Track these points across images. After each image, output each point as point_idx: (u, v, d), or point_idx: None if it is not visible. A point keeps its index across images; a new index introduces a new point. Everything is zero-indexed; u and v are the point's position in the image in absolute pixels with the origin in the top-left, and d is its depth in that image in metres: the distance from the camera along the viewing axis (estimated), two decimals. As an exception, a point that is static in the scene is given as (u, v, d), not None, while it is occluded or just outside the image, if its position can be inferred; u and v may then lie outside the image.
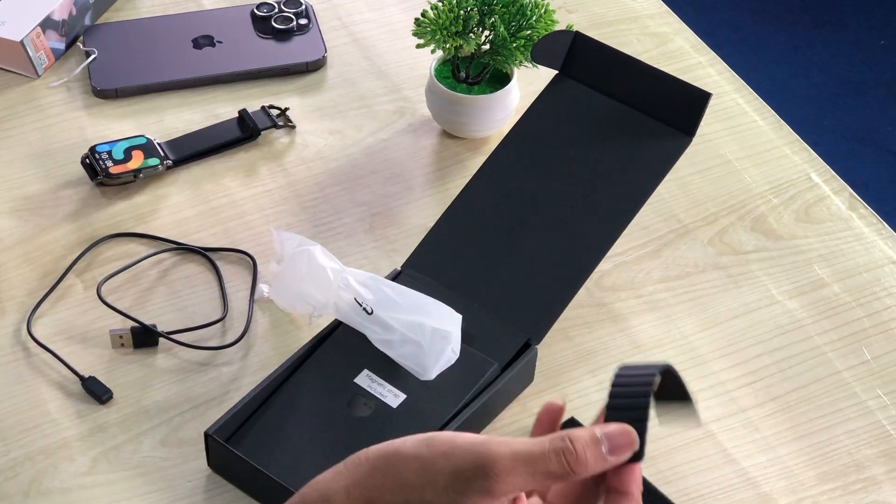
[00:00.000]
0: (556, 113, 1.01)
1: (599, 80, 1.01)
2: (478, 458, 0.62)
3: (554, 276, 0.95)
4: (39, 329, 0.98)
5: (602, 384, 0.96)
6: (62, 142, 1.14)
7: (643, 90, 0.99)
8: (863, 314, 1.01)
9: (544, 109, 1.02)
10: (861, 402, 0.95)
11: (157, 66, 1.20)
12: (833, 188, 1.11)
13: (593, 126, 1.01)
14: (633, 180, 0.98)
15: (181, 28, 1.23)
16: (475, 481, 0.62)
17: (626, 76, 1.00)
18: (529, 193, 0.99)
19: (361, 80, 1.21)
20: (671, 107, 0.98)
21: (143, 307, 1.00)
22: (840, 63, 2.68)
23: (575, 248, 0.96)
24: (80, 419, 0.93)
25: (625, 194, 0.97)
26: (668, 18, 1.28)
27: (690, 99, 0.97)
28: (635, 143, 0.99)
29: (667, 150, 0.98)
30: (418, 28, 1.07)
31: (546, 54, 1.02)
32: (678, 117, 0.98)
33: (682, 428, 0.92)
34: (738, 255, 1.06)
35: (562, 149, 1.00)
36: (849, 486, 0.91)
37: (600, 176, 0.98)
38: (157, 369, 0.96)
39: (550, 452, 0.63)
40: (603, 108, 1.00)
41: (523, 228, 0.98)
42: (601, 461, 0.64)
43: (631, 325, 1.00)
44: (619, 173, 0.98)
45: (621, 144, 0.99)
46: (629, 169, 0.98)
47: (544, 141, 1.01)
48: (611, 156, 0.99)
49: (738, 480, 0.91)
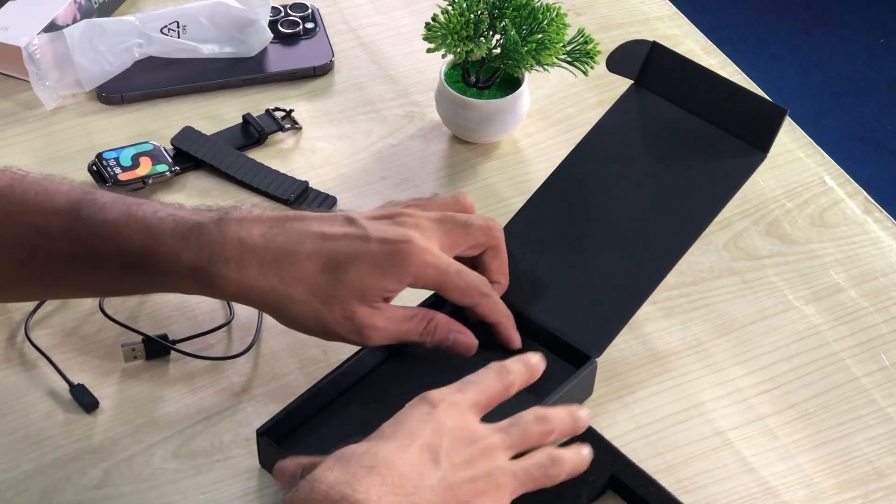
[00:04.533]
0: (629, 123, 1.00)
1: (674, 92, 0.99)
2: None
3: (616, 291, 0.94)
4: (47, 339, 0.97)
5: (617, 392, 0.95)
6: (68, 149, 1.12)
7: (718, 103, 0.98)
8: (880, 319, 1.00)
9: (617, 119, 1.00)
10: (881, 409, 0.95)
11: (163, 72, 1.18)
12: (847, 192, 1.10)
13: (666, 138, 0.99)
14: (704, 196, 0.96)
15: (186, 32, 1.22)
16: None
17: (701, 88, 0.99)
18: (596, 205, 0.98)
19: (370, 84, 1.20)
20: (746, 122, 0.97)
21: (151, 315, 0.99)
22: (839, 62, 2.68)
23: (639, 264, 0.94)
24: (92, 431, 0.92)
25: (693, 211, 0.96)
26: (678, 21, 1.27)
27: (765, 114, 0.96)
28: (708, 158, 0.97)
29: (739, 167, 0.96)
30: (429, 32, 1.05)
31: (622, 64, 1.01)
32: (752, 133, 0.96)
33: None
34: (753, 261, 1.05)
35: (632, 161, 0.99)
36: (870, 495, 0.90)
37: (670, 190, 0.97)
38: (168, 379, 0.95)
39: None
40: (676, 121, 0.99)
41: (588, 242, 0.96)
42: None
43: (646, 331, 0.99)
44: (689, 188, 0.97)
45: (693, 159, 0.98)
46: (700, 184, 0.96)
47: (615, 152, 0.99)
48: (682, 170, 0.97)
49: (757, 489, 0.90)
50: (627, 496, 0.87)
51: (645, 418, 0.93)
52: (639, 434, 0.92)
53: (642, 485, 0.86)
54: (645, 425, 0.93)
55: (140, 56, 1.18)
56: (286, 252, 0.85)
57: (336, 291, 0.85)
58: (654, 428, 0.93)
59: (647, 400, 0.95)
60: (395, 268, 0.86)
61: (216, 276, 0.85)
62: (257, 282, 0.85)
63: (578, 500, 0.85)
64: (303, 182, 1.09)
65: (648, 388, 0.95)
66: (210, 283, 0.85)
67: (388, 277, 0.86)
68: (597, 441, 0.88)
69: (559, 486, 0.84)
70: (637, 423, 0.93)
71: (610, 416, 0.93)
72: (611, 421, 0.92)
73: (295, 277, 0.85)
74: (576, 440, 0.85)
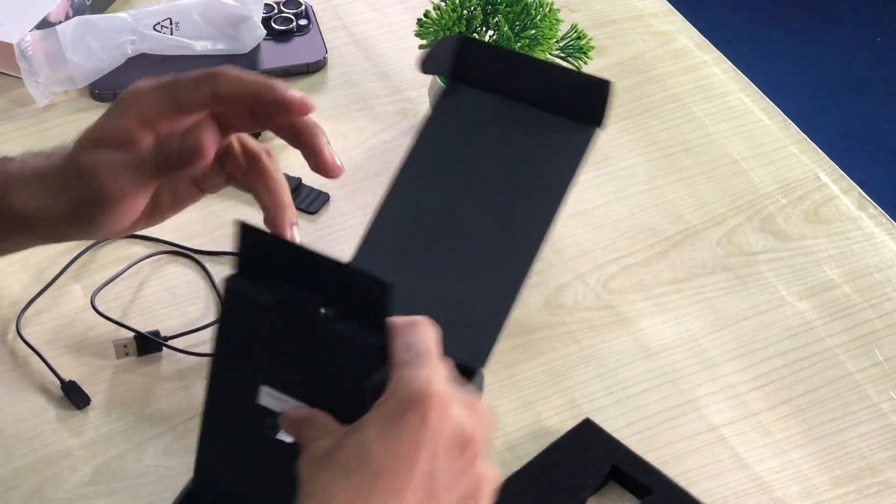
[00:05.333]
0: (455, 122, 0.95)
1: (494, 82, 0.94)
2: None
3: (483, 297, 0.89)
4: (39, 336, 0.97)
5: (610, 388, 0.95)
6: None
7: (541, 87, 0.93)
8: (874, 315, 1.00)
9: (442, 121, 0.95)
10: (874, 405, 0.94)
11: (156, 68, 1.18)
12: (842, 188, 1.10)
13: (496, 131, 0.95)
14: (546, 182, 0.92)
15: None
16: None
17: (520, 74, 0.94)
18: (442, 214, 0.93)
19: (363, 81, 1.19)
20: (574, 100, 0.92)
21: (143, 312, 0.99)
22: (836, 60, 2.68)
23: (500, 265, 0.90)
24: (84, 428, 0.91)
25: (540, 199, 0.91)
26: (672, 17, 1.27)
27: (592, 89, 0.91)
28: (541, 143, 0.93)
29: (575, 145, 0.92)
30: (421, 28, 1.05)
31: (434, 64, 0.95)
32: (583, 110, 0.92)
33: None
34: (746, 256, 1.05)
35: (467, 160, 0.94)
36: (863, 490, 0.89)
37: (511, 183, 0.92)
38: (160, 376, 0.95)
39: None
40: (502, 111, 0.94)
41: (442, 253, 0.91)
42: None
43: (639, 327, 0.99)
44: (529, 177, 0.92)
45: (527, 146, 0.93)
46: (539, 170, 0.92)
47: (447, 154, 0.95)
48: (518, 160, 0.93)
49: (750, 485, 0.89)
50: (630, 486, 0.87)
51: (638, 414, 0.93)
52: (632, 430, 0.92)
53: (645, 474, 0.87)
54: (638, 421, 0.93)
55: (133, 53, 1.18)
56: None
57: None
58: (647, 424, 0.93)
59: (639, 396, 0.94)
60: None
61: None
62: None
63: (582, 492, 0.86)
64: (296, 178, 1.09)
65: (641, 384, 0.95)
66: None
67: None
68: (597, 433, 0.89)
69: (562, 480, 0.85)
70: (630, 419, 0.93)
71: (603, 412, 0.93)
72: (604, 417, 0.92)
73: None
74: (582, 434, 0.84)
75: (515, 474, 0.87)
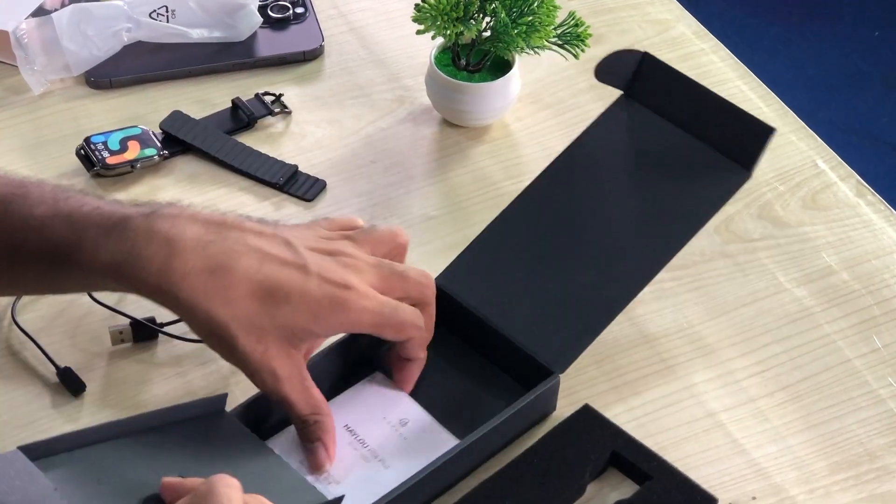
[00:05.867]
0: (615, 135, 0.98)
1: (663, 105, 0.97)
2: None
3: (587, 307, 0.92)
4: (34, 322, 0.96)
5: (608, 374, 0.94)
6: (56, 133, 1.12)
7: (706, 119, 0.95)
8: (872, 302, 1.00)
9: (603, 130, 0.98)
10: (872, 391, 0.94)
11: (152, 56, 1.18)
12: (840, 175, 1.10)
13: (651, 152, 0.97)
14: (684, 213, 0.94)
15: (176, 17, 1.22)
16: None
17: (690, 102, 0.96)
18: (575, 218, 0.95)
19: (360, 68, 1.19)
20: (733, 139, 0.94)
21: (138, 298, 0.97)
22: (835, 55, 2.67)
23: (613, 281, 0.92)
24: (79, 414, 0.91)
25: (673, 228, 0.94)
26: (669, 5, 1.26)
27: (753, 132, 0.94)
28: (692, 175, 0.95)
29: (722, 185, 0.94)
30: (418, 14, 1.05)
31: (611, 74, 0.98)
32: (739, 150, 0.94)
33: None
34: (745, 243, 1.04)
35: (615, 173, 0.97)
36: (861, 476, 0.89)
37: (651, 206, 0.95)
38: (156, 363, 0.94)
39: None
40: (663, 135, 0.96)
41: (563, 255, 0.94)
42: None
43: (638, 314, 0.98)
44: (670, 205, 0.95)
45: (678, 174, 0.95)
46: (682, 201, 0.94)
47: (599, 163, 0.97)
48: (665, 185, 0.95)
49: (748, 471, 0.89)
50: (630, 472, 0.87)
51: (636, 400, 0.93)
52: (630, 416, 0.92)
53: (644, 460, 0.86)
54: (636, 407, 0.92)
55: (129, 41, 1.17)
56: (219, 266, 0.80)
57: (262, 323, 0.81)
58: (646, 410, 0.92)
59: (638, 382, 0.94)
60: (332, 314, 0.82)
61: (137, 272, 0.80)
62: (179, 289, 0.80)
63: (582, 478, 0.85)
64: (292, 166, 1.08)
65: (640, 371, 0.95)
66: (130, 279, 0.81)
67: (322, 323, 0.82)
68: (597, 419, 0.88)
69: (562, 465, 0.84)
70: (629, 405, 0.92)
71: (601, 398, 0.92)
72: (602, 403, 0.92)
73: (223, 297, 0.80)
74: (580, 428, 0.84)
75: (515, 460, 0.87)
